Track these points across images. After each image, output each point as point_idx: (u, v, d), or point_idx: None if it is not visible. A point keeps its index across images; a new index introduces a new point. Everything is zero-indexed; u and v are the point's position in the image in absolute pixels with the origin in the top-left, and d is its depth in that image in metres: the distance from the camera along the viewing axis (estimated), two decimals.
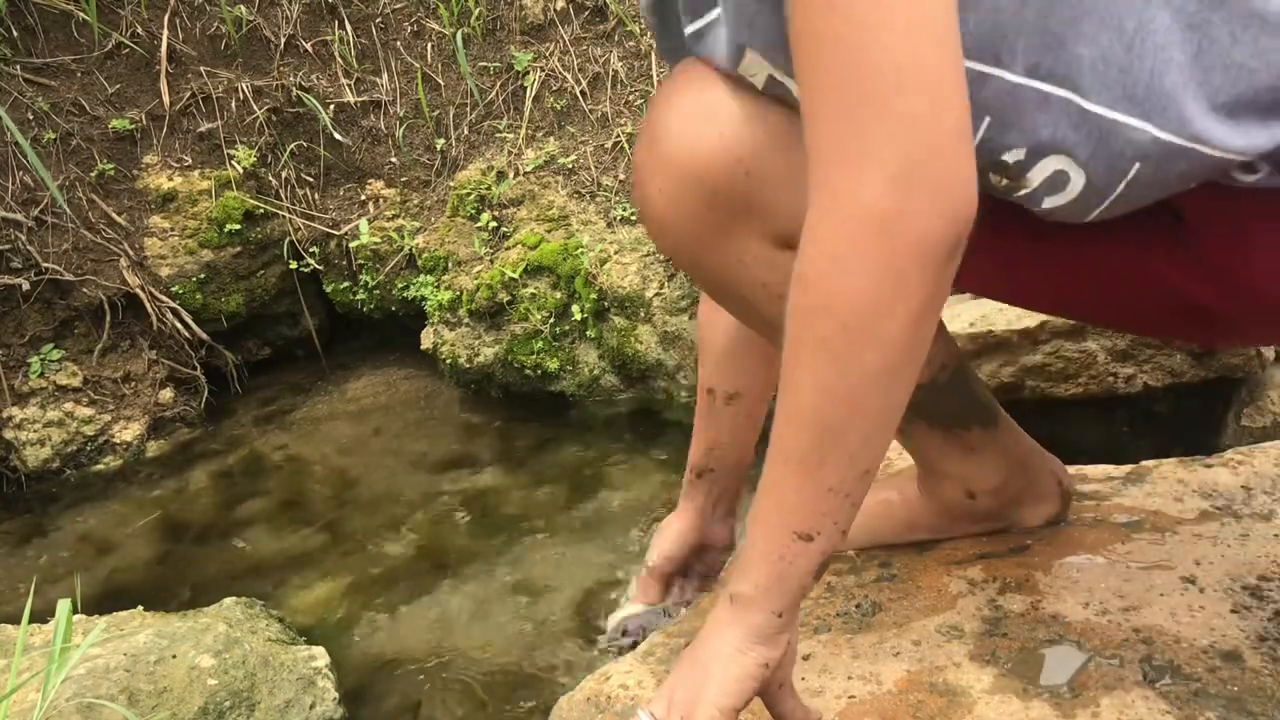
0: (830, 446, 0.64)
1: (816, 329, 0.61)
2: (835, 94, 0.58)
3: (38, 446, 2.34)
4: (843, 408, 0.63)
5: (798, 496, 0.66)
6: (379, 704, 1.46)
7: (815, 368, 0.62)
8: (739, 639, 0.71)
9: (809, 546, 0.67)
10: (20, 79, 2.49)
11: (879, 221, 0.57)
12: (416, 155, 2.66)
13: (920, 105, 0.56)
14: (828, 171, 0.59)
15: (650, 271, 2.21)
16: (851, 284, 0.59)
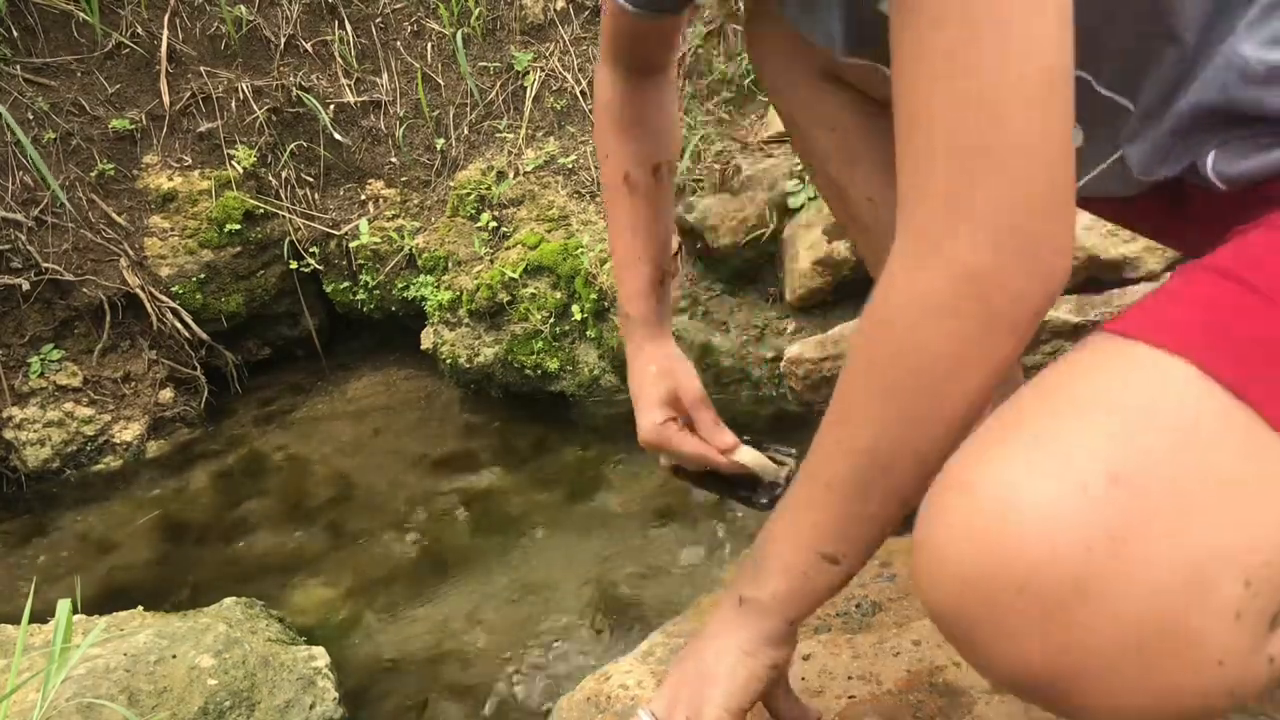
0: (879, 482, 0.63)
1: (892, 373, 0.60)
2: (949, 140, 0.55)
3: (38, 446, 2.34)
4: (902, 449, 0.62)
5: (833, 522, 0.66)
6: (379, 704, 1.46)
7: (882, 409, 0.61)
8: (747, 641, 0.71)
9: (834, 568, 0.67)
10: (20, 79, 2.49)
11: (979, 281, 0.56)
12: (416, 155, 2.66)
13: (1039, 172, 0.55)
14: (929, 220, 0.57)
15: None
16: (940, 339, 0.58)
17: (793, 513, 0.69)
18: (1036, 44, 0.53)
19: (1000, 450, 0.55)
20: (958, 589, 0.53)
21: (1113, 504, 0.50)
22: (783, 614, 0.70)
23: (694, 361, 2.22)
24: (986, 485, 0.53)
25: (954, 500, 0.55)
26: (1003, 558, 0.51)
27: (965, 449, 0.57)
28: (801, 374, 1.88)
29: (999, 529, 0.51)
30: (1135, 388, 0.55)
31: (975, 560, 0.52)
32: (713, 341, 2.15)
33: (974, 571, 0.52)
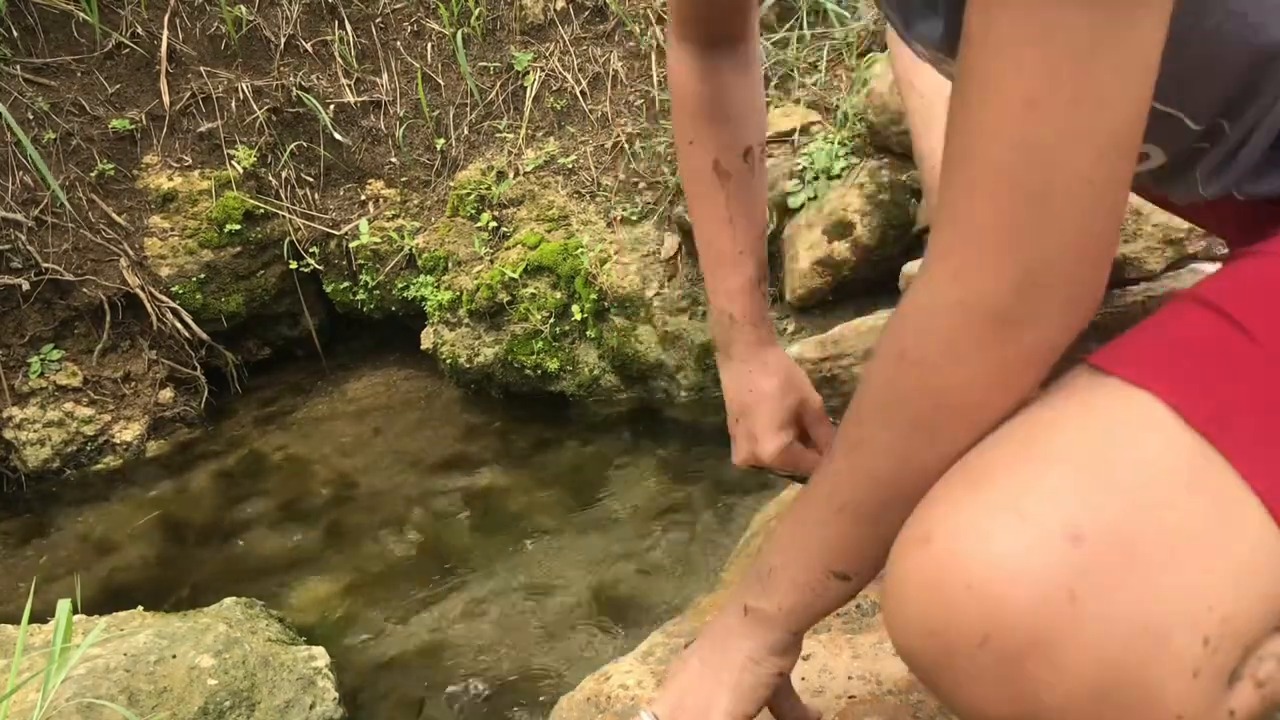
0: (895, 507, 0.62)
1: (912, 406, 0.60)
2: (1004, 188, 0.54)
3: (38, 446, 2.34)
4: (921, 480, 0.61)
5: (845, 542, 0.66)
6: (379, 704, 1.46)
7: (902, 442, 0.61)
8: (754, 649, 0.71)
9: (844, 585, 0.68)
10: (20, 79, 2.49)
11: (1007, 322, 0.55)
12: (416, 155, 2.66)
13: (1091, 225, 0.54)
14: (969, 259, 0.56)
15: (650, 271, 2.21)
16: (961, 376, 0.57)
17: (803, 530, 0.69)
18: (1116, 100, 0.51)
19: (964, 501, 0.55)
20: (921, 638, 0.54)
21: (1072, 562, 0.51)
22: (788, 626, 0.70)
23: (694, 361, 2.24)
24: (948, 538, 0.54)
25: (916, 551, 0.55)
26: (962, 612, 0.52)
27: (932, 496, 0.58)
28: None
29: (958, 583, 0.52)
30: (1106, 433, 0.55)
31: (937, 613, 0.53)
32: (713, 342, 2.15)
33: (936, 624, 0.53)
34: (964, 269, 0.56)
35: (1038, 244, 0.54)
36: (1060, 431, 0.56)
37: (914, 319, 0.59)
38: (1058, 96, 0.51)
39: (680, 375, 2.19)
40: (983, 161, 0.55)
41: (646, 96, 2.45)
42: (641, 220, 2.27)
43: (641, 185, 2.33)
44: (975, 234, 0.56)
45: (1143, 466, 0.53)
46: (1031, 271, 0.54)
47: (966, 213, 0.56)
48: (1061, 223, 0.53)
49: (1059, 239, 0.54)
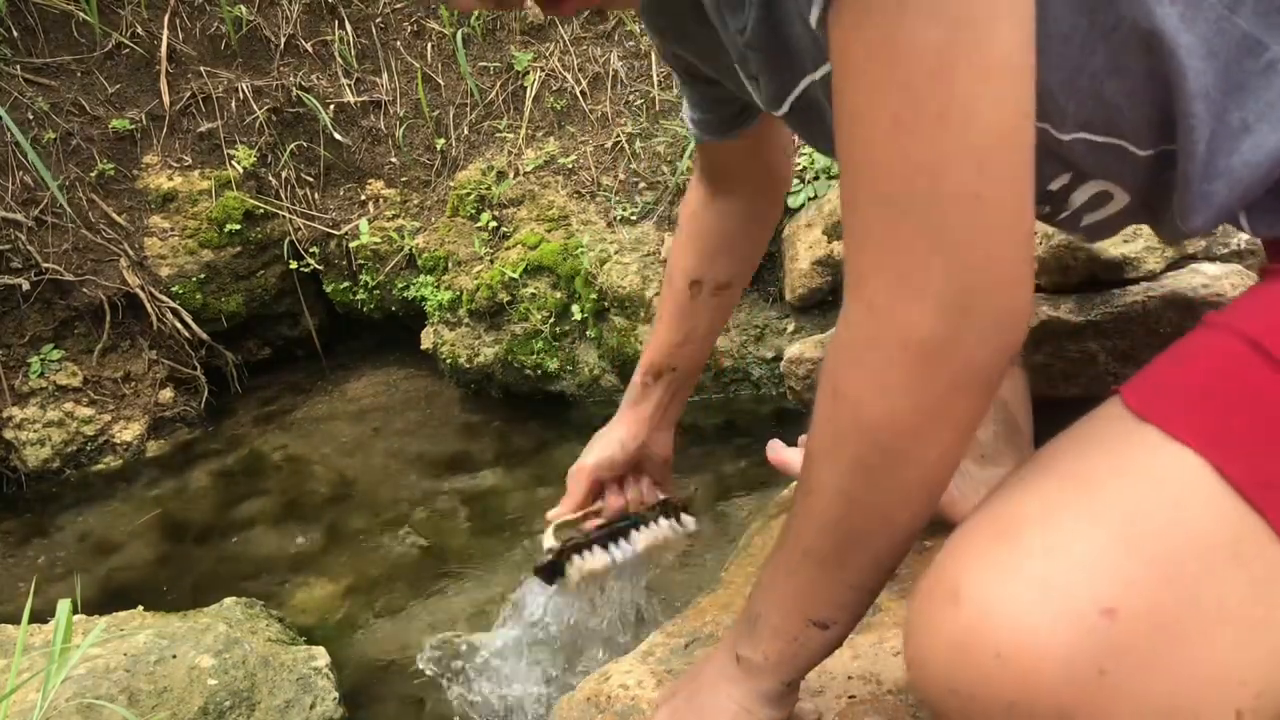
0: (855, 551, 0.62)
1: (850, 446, 0.58)
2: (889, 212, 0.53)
3: (38, 446, 2.34)
4: (873, 520, 0.60)
5: (815, 589, 0.65)
6: (379, 704, 1.46)
7: (846, 482, 0.60)
8: (745, 698, 0.71)
9: (824, 633, 0.67)
10: (20, 79, 2.49)
11: (928, 350, 0.54)
12: (416, 155, 2.66)
13: (987, 235, 0.52)
14: (869, 285, 0.55)
15: (650, 271, 2.21)
16: (892, 409, 0.56)
17: (779, 578, 0.68)
18: (983, 110, 0.50)
19: (993, 558, 0.53)
20: (945, 694, 0.54)
21: (1104, 638, 0.49)
22: (777, 675, 0.70)
23: None
24: (977, 599, 0.52)
25: (942, 608, 0.54)
26: (989, 678, 0.51)
27: (958, 542, 0.56)
28: (801, 374, 1.88)
29: (987, 649, 0.51)
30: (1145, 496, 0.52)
31: (962, 674, 0.52)
32: None
33: (960, 685, 0.52)
34: (875, 300, 0.55)
35: (939, 266, 0.52)
36: (1096, 489, 0.54)
37: (841, 354, 0.58)
38: (922, 114, 0.50)
39: None
40: (866, 190, 0.53)
41: (646, 96, 2.45)
42: (641, 220, 2.27)
43: (641, 185, 2.33)
44: (878, 264, 0.54)
45: (1182, 535, 0.51)
46: (941, 295, 0.52)
47: (864, 245, 0.55)
48: (957, 242, 0.52)
49: (961, 259, 0.52)
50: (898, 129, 0.51)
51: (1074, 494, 0.54)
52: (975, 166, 0.51)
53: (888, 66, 0.50)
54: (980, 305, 0.53)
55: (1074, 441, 0.57)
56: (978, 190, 0.51)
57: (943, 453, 0.57)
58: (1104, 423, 0.57)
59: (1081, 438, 0.57)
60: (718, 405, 2.16)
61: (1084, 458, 0.56)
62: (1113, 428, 0.56)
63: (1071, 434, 0.58)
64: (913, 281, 0.53)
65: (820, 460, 0.61)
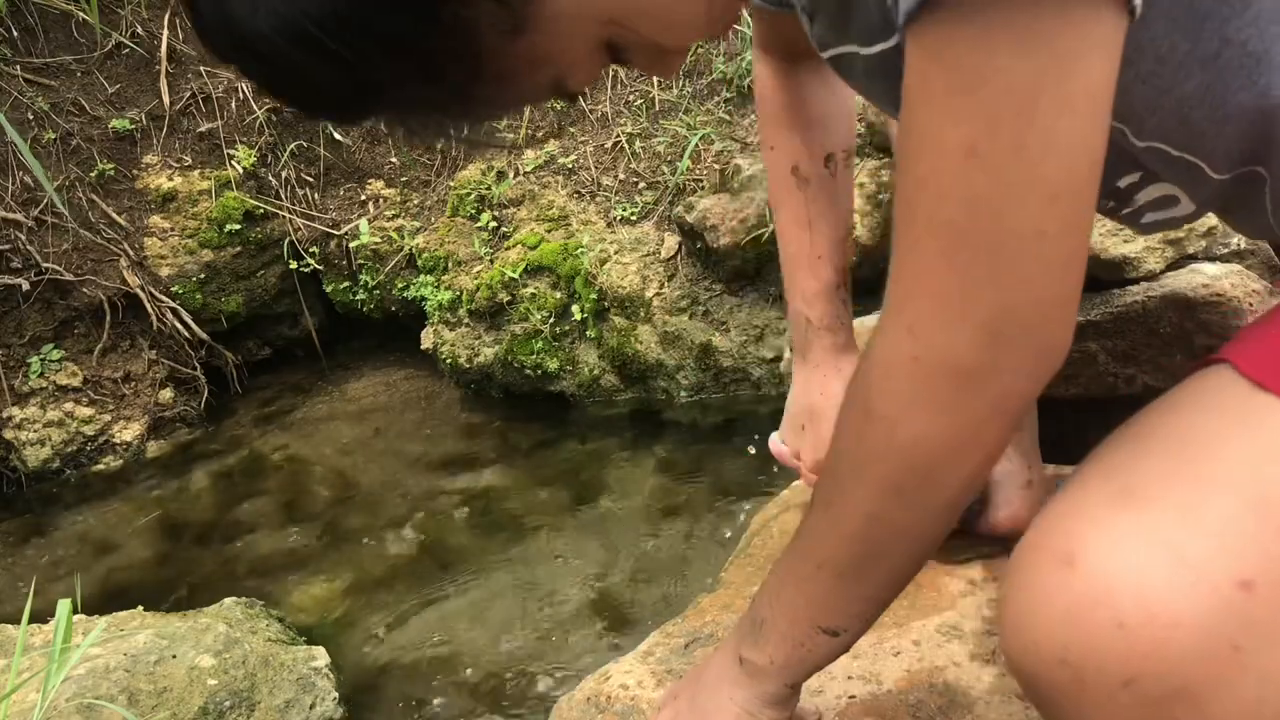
0: (873, 565, 0.62)
1: (880, 465, 0.58)
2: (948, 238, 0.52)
3: (38, 446, 2.34)
4: (896, 538, 0.61)
5: (828, 599, 0.65)
6: (379, 704, 1.46)
7: (873, 500, 0.59)
8: (748, 700, 0.71)
9: (833, 640, 0.67)
10: (20, 79, 2.49)
11: (968, 377, 0.53)
12: (416, 155, 2.66)
13: (1047, 275, 0.51)
14: (915, 307, 0.54)
15: (650, 271, 2.21)
16: (926, 432, 0.55)
17: (790, 585, 0.68)
18: (1061, 143, 0.49)
19: (1113, 522, 0.51)
20: (1052, 665, 0.51)
21: (1240, 612, 0.47)
22: (781, 679, 0.70)
23: (694, 361, 2.23)
24: (1095, 564, 0.50)
25: (1056, 572, 0.51)
26: (1108, 650, 0.49)
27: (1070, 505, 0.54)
28: None
29: (1108, 619, 0.49)
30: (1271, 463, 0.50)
31: (1076, 644, 0.50)
32: (713, 341, 2.15)
33: (1073, 655, 0.50)
34: (918, 324, 0.54)
35: (991, 297, 0.52)
36: (1221, 453, 0.52)
37: (875, 374, 0.57)
38: (998, 144, 0.49)
39: (680, 375, 2.19)
40: (926, 215, 0.53)
41: (646, 96, 2.45)
42: (641, 220, 2.27)
43: (641, 185, 2.33)
44: (926, 288, 0.54)
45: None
46: (988, 325, 0.52)
47: (916, 267, 0.54)
48: (1014, 275, 0.51)
49: (1014, 292, 0.51)
50: (971, 158, 0.49)
51: (1197, 459, 0.52)
52: (1045, 202, 0.50)
53: (968, 94, 0.49)
54: (1025, 338, 0.52)
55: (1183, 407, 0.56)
56: (1043, 227, 0.50)
57: (971, 474, 0.57)
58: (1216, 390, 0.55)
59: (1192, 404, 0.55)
60: (718, 405, 2.16)
61: (1201, 424, 0.54)
62: (1227, 394, 0.54)
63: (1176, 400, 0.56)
64: (961, 309, 0.52)
65: (846, 477, 0.61)
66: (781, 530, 1.17)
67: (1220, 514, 0.49)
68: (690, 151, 2.26)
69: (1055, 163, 0.49)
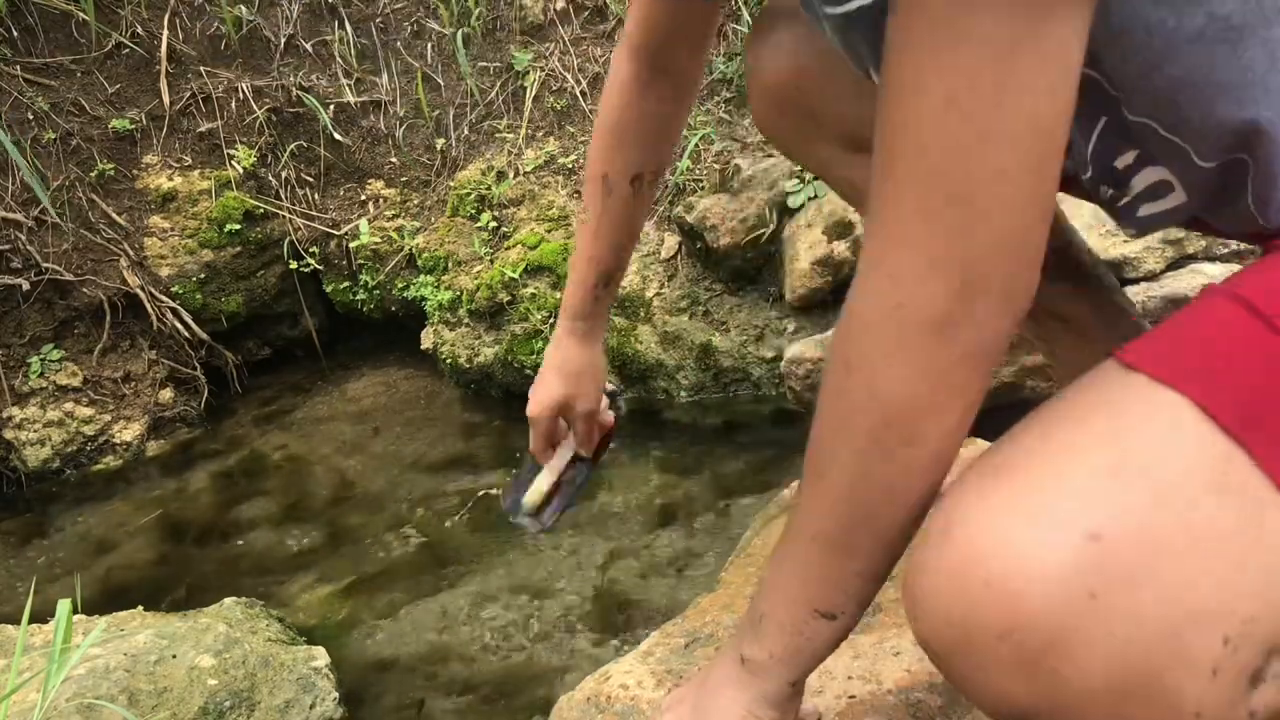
0: (863, 533, 0.63)
1: (859, 420, 0.59)
2: (923, 187, 0.54)
3: (38, 446, 2.34)
4: (881, 497, 0.61)
5: (823, 577, 0.65)
6: (379, 704, 1.46)
7: (853, 455, 0.61)
8: (750, 702, 0.70)
9: (831, 624, 0.66)
10: (20, 79, 2.49)
11: (936, 322, 0.55)
12: (416, 155, 2.66)
13: (1014, 219, 0.54)
14: (890, 258, 0.57)
15: (650, 271, 2.21)
16: (900, 383, 0.57)
17: (784, 571, 0.68)
18: (1038, 99, 0.51)
19: (987, 494, 0.55)
20: (941, 628, 0.54)
21: (1092, 561, 0.50)
22: (783, 675, 0.69)
23: (694, 362, 2.23)
24: (969, 531, 0.53)
25: (938, 542, 0.55)
26: (982, 607, 0.52)
27: (954, 487, 0.57)
28: (801, 374, 1.88)
29: (978, 578, 0.52)
30: (1130, 431, 0.54)
31: (956, 605, 0.53)
32: (713, 341, 2.15)
33: (956, 615, 0.53)
34: (896, 273, 0.56)
35: (966, 245, 0.54)
36: (1083, 427, 0.55)
37: (854, 326, 0.59)
38: (978, 95, 0.51)
39: (680, 375, 2.19)
40: (905, 163, 0.55)
41: None
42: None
43: None
44: (904, 237, 0.56)
45: (1167, 466, 0.53)
46: (963, 272, 0.54)
47: (894, 216, 0.56)
48: (988, 222, 0.54)
49: (987, 239, 0.54)
50: (950, 108, 0.52)
51: (1062, 431, 0.56)
52: (1018, 153, 0.53)
53: (950, 48, 0.51)
54: (1001, 285, 0.55)
55: (1068, 395, 0.59)
56: (1014, 176, 0.53)
57: (951, 426, 0.59)
58: (1096, 377, 0.58)
59: (1075, 391, 0.59)
60: (718, 405, 2.16)
61: (1075, 404, 0.57)
62: (1104, 379, 0.57)
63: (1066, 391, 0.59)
64: (938, 257, 0.55)
65: (830, 437, 0.62)
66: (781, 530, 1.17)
67: (1077, 475, 0.53)
68: (690, 151, 2.26)
69: (1029, 116, 0.52)
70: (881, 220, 0.57)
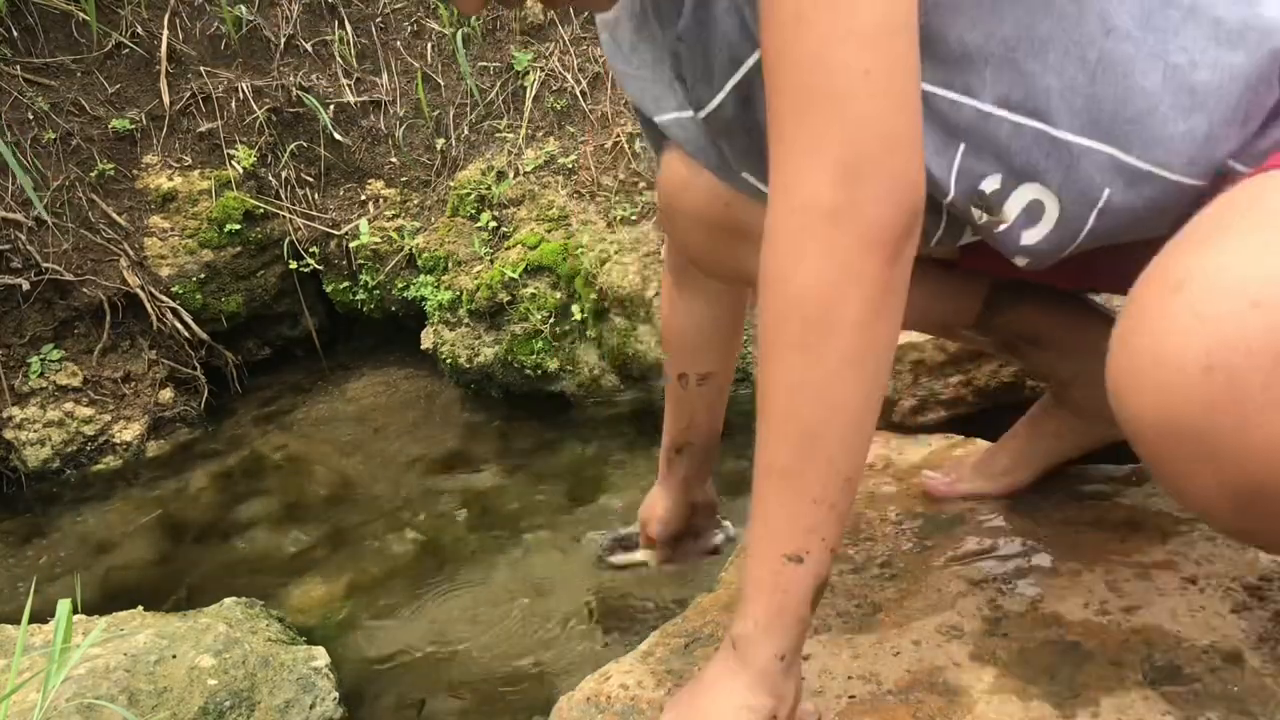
0: (809, 451, 0.64)
1: (781, 327, 0.63)
2: (795, 97, 0.61)
3: (38, 446, 2.34)
4: (816, 405, 0.64)
5: (783, 512, 0.67)
6: (379, 704, 1.46)
7: (785, 366, 0.64)
8: (743, 689, 0.70)
9: (801, 570, 0.67)
10: (20, 79, 2.49)
11: (827, 212, 0.60)
12: (416, 155, 2.66)
13: (876, 106, 0.60)
14: (782, 169, 0.62)
15: (650, 271, 2.21)
16: (805, 276, 0.62)
17: (752, 523, 0.69)
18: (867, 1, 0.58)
19: (1205, 249, 0.57)
20: (1149, 367, 0.55)
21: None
22: (771, 645, 0.69)
23: None
24: (1203, 279, 0.55)
25: (1166, 294, 0.56)
26: (1191, 332, 0.54)
27: (1174, 246, 0.59)
28: None
29: (1245, 297, 0.52)
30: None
31: (1213, 345, 0.53)
32: None
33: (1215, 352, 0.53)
34: (789, 181, 0.62)
35: (837, 137, 0.60)
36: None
37: (765, 242, 0.64)
38: (819, 5, 0.59)
39: None
40: (777, 82, 0.62)
41: None
42: (641, 220, 2.27)
43: (641, 185, 2.33)
44: (788, 146, 0.62)
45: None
46: (840, 163, 0.60)
47: (777, 132, 0.62)
48: (852, 114, 0.60)
49: (855, 129, 0.60)
50: (799, 22, 0.59)
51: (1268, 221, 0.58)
52: (863, 46, 0.59)
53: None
54: (875, 166, 0.60)
55: (1252, 190, 0.62)
56: (867, 66, 0.59)
57: (859, 317, 0.62)
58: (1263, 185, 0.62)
59: (1259, 188, 0.62)
60: None
61: (1257, 202, 0.60)
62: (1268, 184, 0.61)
63: (1245, 188, 0.63)
64: (815, 154, 0.61)
65: (765, 360, 0.65)
66: None
67: None
68: None
69: (865, 14, 0.59)
70: (772, 141, 0.63)
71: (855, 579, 1.00)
